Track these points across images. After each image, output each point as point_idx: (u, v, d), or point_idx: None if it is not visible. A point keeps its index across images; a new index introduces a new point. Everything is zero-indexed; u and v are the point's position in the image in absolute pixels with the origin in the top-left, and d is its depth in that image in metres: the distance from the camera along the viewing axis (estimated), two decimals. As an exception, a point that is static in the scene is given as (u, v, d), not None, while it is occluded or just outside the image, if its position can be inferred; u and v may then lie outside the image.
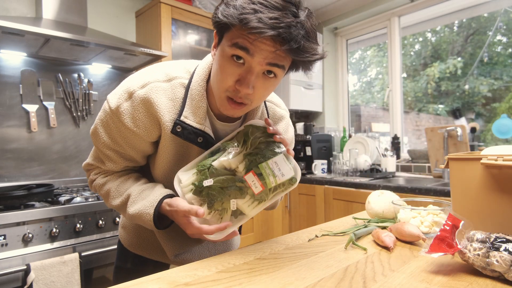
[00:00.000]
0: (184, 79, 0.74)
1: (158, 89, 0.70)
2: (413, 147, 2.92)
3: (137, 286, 0.56)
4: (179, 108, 0.71)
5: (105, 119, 0.73)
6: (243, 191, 0.70)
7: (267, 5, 0.57)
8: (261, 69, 0.63)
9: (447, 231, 0.61)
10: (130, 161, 0.80)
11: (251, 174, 0.69)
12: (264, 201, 0.71)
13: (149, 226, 0.73)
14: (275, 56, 0.61)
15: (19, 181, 1.84)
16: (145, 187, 0.77)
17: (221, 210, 0.71)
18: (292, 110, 3.08)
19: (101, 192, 0.81)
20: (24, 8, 1.91)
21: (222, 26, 0.62)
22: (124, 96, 0.70)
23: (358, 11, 2.88)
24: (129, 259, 0.94)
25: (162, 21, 2.15)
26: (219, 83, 0.66)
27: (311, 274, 0.61)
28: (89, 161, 0.83)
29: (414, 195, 1.80)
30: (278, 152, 0.71)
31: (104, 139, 0.74)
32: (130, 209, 0.74)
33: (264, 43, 0.60)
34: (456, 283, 0.55)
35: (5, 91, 1.83)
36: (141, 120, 0.70)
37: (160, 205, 0.71)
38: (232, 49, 0.61)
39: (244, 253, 0.73)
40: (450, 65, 2.72)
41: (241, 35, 0.60)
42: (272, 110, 0.86)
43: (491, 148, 0.75)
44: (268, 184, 0.69)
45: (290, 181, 0.70)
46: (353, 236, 0.80)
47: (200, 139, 0.72)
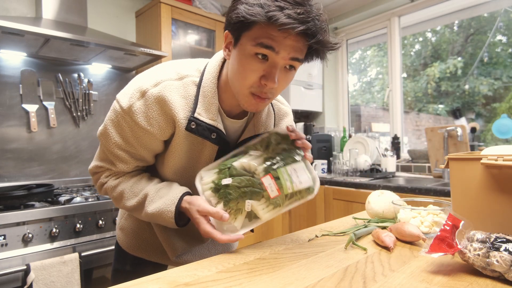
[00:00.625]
0: (195, 77, 0.74)
1: (171, 87, 0.71)
2: (413, 147, 2.92)
3: (137, 286, 0.56)
4: (192, 106, 0.72)
5: (116, 119, 0.72)
6: (259, 194, 0.70)
7: (290, 2, 0.59)
8: (284, 64, 0.65)
9: (447, 231, 0.61)
10: (141, 161, 0.80)
11: (268, 177, 0.70)
12: (279, 207, 0.70)
13: (169, 224, 0.73)
14: (297, 50, 0.64)
15: (19, 181, 1.84)
16: (161, 186, 0.77)
17: (235, 210, 0.71)
18: (292, 110, 3.08)
19: (114, 194, 0.80)
20: (24, 8, 1.91)
21: (241, 25, 0.63)
22: (136, 95, 0.70)
23: (358, 11, 2.88)
24: (127, 261, 0.93)
25: (162, 21, 2.15)
26: (242, 80, 0.67)
27: (311, 274, 0.61)
28: (97, 163, 0.81)
29: (414, 195, 1.80)
30: (298, 160, 0.72)
31: (116, 139, 0.74)
32: (149, 208, 0.74)
33: (290, 39, 0.62)
34: (456, 283, 0.55)
35: (5, 91, 1.83)
36: (155, 119, 0.71)
37: (180, 203, 0.72)
38: (257, 48, 0.63)
39: (244, 253, 0.73)
40: (450, 65, 2.72)
41: (266, 34, 0.61)
42: (277, 107, 0.88)
43: (491, 148, 0.75)
44: (284, 189, 0.69)
45: (307, 190, 0.70)
46: (353, 236, 0.80)
47: (213, 135, 0.73)
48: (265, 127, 0.80)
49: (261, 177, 0.70)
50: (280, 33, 0.60)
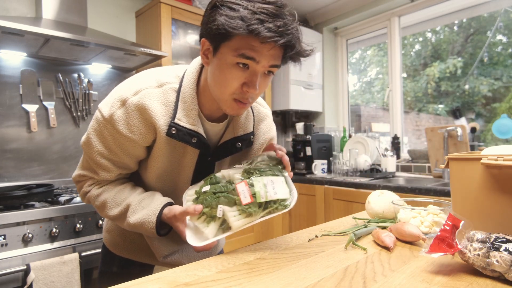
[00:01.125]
0: (174, 83, 0.76)
1: (151, 95, 0.72)
2: (413, 147, 2.92)
3: (137, 286, 0.56)
4: (172, 112, 0.74)
5: (99, 128, 0.74)
6: (232, 200, 0.70)
7: (269, 14, 0.62)
8: (264, 71, 0.69)
9: (447, 231, 0.61)
10: (124, 169, 0.81)
11: (243, 183, 0.70)
12: (251, 216, 0.69)
13: (151, 234, 0.75)
14: (276, 58, 0.68)
15: (19, 181, 1.84)
16: (144, 196, 0.78)
17: (209, 217, 0.71)
18: (292, 110, 3.08)
19: (96, 203, 0.80)
20: (24, 8, 1.91)
21: (220, 36, 0.65)
22: (117, 104, 0.72)
23: (358, 11, 2.88)
24: (114, 263, 0.93)
25: (162, 21, 2.15)
26: (224, 88, 0.69)
27: (311, 274, 0.61)
28: (79, 172, 0.82)
29: (414, 195, 1.80)
30: (278, 175, 0.73)
31: (98, 147, 0.75)
32: (131, 219, 0.75)
33: (269, 50, 0.65)
34: (456, 283, 0.55)
35: (5, 91, 1.83)
36: (136, 126, 0.72)
37: (161, 213, 0.73)
38: (238, 58, 0.65)
39: (244, 253, 0.73)
40: (450, 65, 2.72)
41: (247, 45, 0.64)
42: (257, 109, 0.90)
43: (491, 148, 0.75)
44: (258, 197, 0.68)
45: (282, 203, 0.69)
46: (353, 236, 0.80)
47: (194, 139, 0.75)
48: (244, 129, 0.82)
49: (236, 183, 0.71)
50: (262, 45, 0.63)
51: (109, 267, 0.94)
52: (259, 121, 0.89)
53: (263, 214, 0.69)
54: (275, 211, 0.70)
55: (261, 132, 0.89)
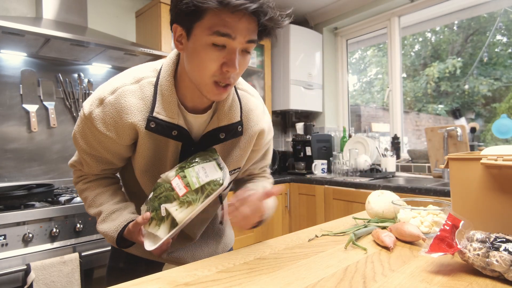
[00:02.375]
0: (151, 77, 0.76)
1: (127, 92, 0.73)
2: (413, 147, 2.92)
3: (137, 286, 0.56)
4: (150, 106, 0.74)
5: (81, 125, 0.77)
6: (171, 196, 0.72)
7: None
8: (241, 47, 0.66)
9: (447, 231, 0.61)
10: (107, 164, 0.83)
11: (176, 178, 0.72)
12: (192, 204, 0.70)
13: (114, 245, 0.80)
14: (252, 32, 0.65)
15: (19, 181, 1.84)
16: (116, 208, 0.81)
17: (158, 220, 0.73)
18: (292, 110, 3.08)
19: (81, 196, 0.88)
20: (24, 8, 1.91)
21: (192, 16, 0.63)
22: (95, 102, 0.74)
23: (358, 11, 2.88)
24: (121, 259, 0.94)
25: (162, 21, 2.15)
26: (203, 71, 0.67)
27: (311, 274, 0.61)
28: (72, 161, 0.87)
29: (414, 195, 1.80)
30: (210, 160, 0.74)
31: (81, 144, 0.78)
32: (99, 226, 0.81)
33: (244, 22, 0.63)
34: (456, 283, 0.56)
35: (5, 91, 1.83)
36: (112, 125, 0.73)
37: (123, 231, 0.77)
38: (213, 37, 0.63)
39: (244, 253, 0.73)
40: (449, 65, 2.72)
41: (220, 21, 0.61)
42: (246, 99, 0.85)
43: (491, 148, 0.75)
44: (191, 185, 0.70)
45: (215, 182, 0.71)
46: (353, 236, 0.80)
47: (174, 132, 0.74)
48: (229, 118, 0.79)
49: (171, 180, 0.73)
50: (234, 16, 0.61)
51: (117, 262, 0.96)
52: (248, 110, 0.84)
53: (202, 199, 0.70)
54: (212, 192, 0.70)
55: (251, 123, 0.84)
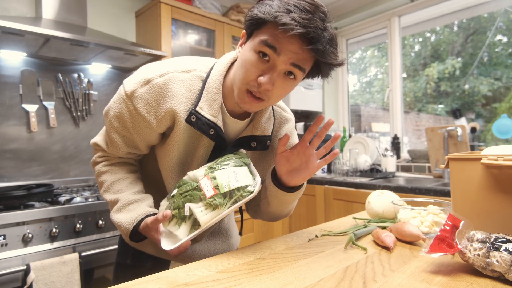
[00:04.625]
0: (202, 72, 0.76)
1: (176, 79, 0.73)
2: (413, 147, 2.92)
3: (137, 286, 0.56)
4: (195, 99, 0.74)
5: (119, 101, 0.75)
6: (197, 196, 0.69)
7: (300, 8, 0.62)
8: (284, 68, 0.66)
9: (447, 231, 0.61)
10: (133, 148, 0.81)
11: (205, 178, 0.70)
12: (218, 208, 0.68)
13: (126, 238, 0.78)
14: (299, 57, 0.65)
15: (19, 181, 1.84)
16: (135, 199, 0.79)
17: (179, 218, 0.70)
18: (292, 110, 3.08)
19: (99, 179, 0.85)
20: (24, 8, 1.91)
21: (254, 24, 0.67)
22: (141, 82, 0.72)
23: (358, 11, 2.88)
24: (129, 255, 0.94)
25: (162, 21, 2.15)
26: (242, 75, 0.68)
27: (311, 274, 0.61)
28: (96, 140, 0.85)
29: (414, 195, 1.80)
30: (241, 165, 0.72)
31: (113, 122, 0.77)
32: (114, 216, 0.78)
33: (292, 43, 0.64)
34: (456, 283, 0.55)
35: (5, 91, 1.83)
36: (153, 108, 0.72)
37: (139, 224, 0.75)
38: (260, 46, 0.65)
39: (244, 253, 0.73)
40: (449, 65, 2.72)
41: (272, 34, 0.64)
42: (279, 114, 0.89)
43: (491, 148, 0.75)
44: (220, 187, 0.67)
45: (245, 189, 0.68)
46: (353, 236, 0.80)
47: (212, 131, 0.74)
48: (262, 130, 0.81)
49: (199, 179, 0.70)
50: (286, 36, 0.62)
51: (124, 259, 0.95)
52: (279, 125, 0.88)
53: (229, 204, 0.68)
54: (241, 198, 0.68)
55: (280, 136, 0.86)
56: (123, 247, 0.96)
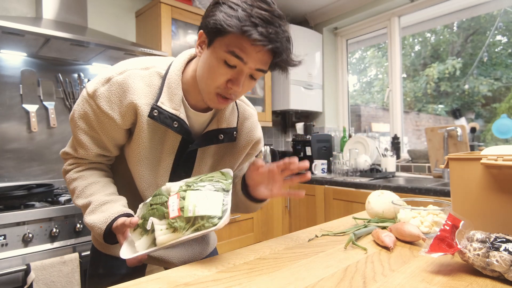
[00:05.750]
0: (161, 69, 0.79)
1: (136, 75, 0.76)
2: (413, 147, 2.92)
3: (137, 286, 0.56)
4: (156, 95, 0.77)
5: (82, 103, 0.77)
6: (163, 213, 0.66)
7: (263, 19, 0.65)
8: (249, 72, 0.72)
9: (447, 231, 0.61)
10: (103, 149, 0.82)
11: (175, 196, 0.67)
12: (177, 232, 0.64)
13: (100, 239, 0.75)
14: (263, 63, 0.71)
15: (19, 181, 1.84)
16: (109, 200, 0.77)
17: (142, 228, 0.68)
18: (292, 110, 3.08)
19: (69, 187, 0.83)
20: (24, 8, 1.91)
21: (216, 31, 0.68)
22: (101, 81, 0.75)
23: (358, 11, 2.88)
24: (100, 264, 0.91)
25: (162, 21, 2.15)
26: (210, 81, 0.72)
27: (311, 274, 0.61)
28: (64, 149, 0.86)
29: (414, 195, 1.80)
30: (218, 191, 0.69)
31: (79, 124, 0.78)
32: (87, 218, 0.76)
33: (259, 55, 0.68)
34: (456, 283, 0.55)
35: (5, 91, 1.83)
36: (116, 104, 0.74)
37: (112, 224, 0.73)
38: (228, 55, 0.68)
39: (244, 253, 0.73)
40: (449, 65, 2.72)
41: (238, 44, 0.67)
42: (242, 108, 0.92)
43: (491, 148, 0.75)
44: (185, 211, 0.64)
45: (209, 220, 0.64)
46: (353, 236, 0.80)
47: (175, 124, 0.76)
48: (227, 123, 0.84)
49: (170, 195, 0.68)
50: (251, 46, 0.67)
51: (96, 269, 0.91)
52: (244, 118, 0.91)
53: (190, 231, 0.64)
54: (202, 228, 0.64)
55: (245, 130, 0.90)
56: (94, 256, 0.93)
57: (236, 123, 0.87)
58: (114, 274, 0.88)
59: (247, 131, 0.90)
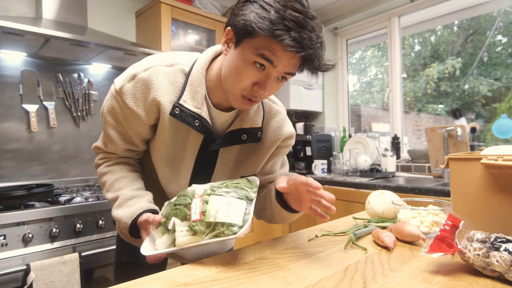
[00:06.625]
0: (185, 66, 0.78)
1: (160, 72, 0.75)
2: (413, 147, 2.92)
3: (137, 286, 0.56)
4: (179, 92, 0.76)
5: (110, 99, 0.78)
6: (185, 214, 0.67)
7: (297, 23, 0.62)
8: (278, 75, 0.69)
9: (447, 231, 0.61)
10: (130, 144, 0.83)
11: (198, 199, 0.67)
12: (197, 235, 0.64)
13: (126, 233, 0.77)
14: (293, 67, 0.68)
15: (19, 181, 1.84)
16: (135, 194, 0.79)
17: (164, 227, 0.69)
18: (292, 110, 3.08)
19: (101, 180, 0.86)
20: (24, 8, 1.91)
21: (246, 32, 0.65)
22: (128, 78, 0.75)
23: (358, 11, 2.88)
24: (125, 253, 0.94)
25: (162, 21, 2.15)
26: (236, 82, 0.70)
27: (311, 274, 0.61)
28: (96, 144, 0.88)
29: (414, 195, 1.80)
30: (242, 199, 0.68)
31: (108, 119, 0.80)
32: (114, 212, 0.78)
33: (290, 59, 0.66)
34: (456, 283, 0.55)
35: (5, 91, 1.83)
36: (141, 100, 0.75)
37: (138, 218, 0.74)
38: (257, 58, 0.66)
39: (244, 253, 0.73)
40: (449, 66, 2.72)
41: (268, 47, 0.64)
42: (268, 106, 0.89)
43: (491, 148, 0.75)
44: (206, 215, 0.64)
45: (229, 228, 0.63)
46: (353, 236, 0.80)
47: (197, 122, 0.76)
48: (251, 122, 0.82)
49: (194, 198, 0.68)
50: (283, 52, 0.64)
51: (121, 257, 0.95)
52: (269, 117, 0.88)
53: (210, 236, 0.64)
54: (222, 235, 0.64)
55: (271, 129, 0.86)
56: (119, 245, 0.97)
57: (261, 123, 0.84)
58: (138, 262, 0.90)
59: (274, 129, 0.86)
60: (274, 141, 0.86)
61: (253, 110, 0.82)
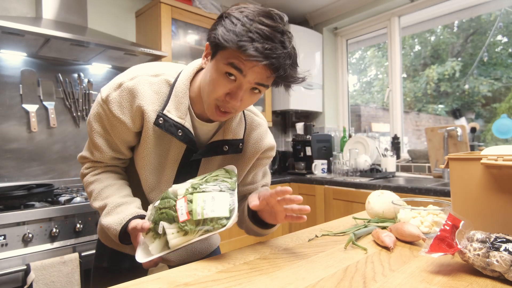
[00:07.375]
0: (170, 77, 0.80)
1: (145, 82, 0.77)
2: (413, 147, 2.92)
3: (137, 286, 0.56)
4: (163, 102, 0.78)
5: (97, 108, 0.80)
6: (172, 217, 0.67)
7: (261, 35, 0.65)
8: (249, 86, 0.71)
9: (447, 231, 0.61)
10: (117, 152, 0.84)
11: (182, 200, 0.68)
12: (188, 234, 0.66)
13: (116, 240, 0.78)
14: (263, 77, 0.70)
15: (19, 181, 1.84)
16: (123, 201, 0.80)
17: (155, 233, 0.70)
18: (292, 110, 3.08)
19: (87, 190, 0.86)
20: (24, 8, 1.91)
21: (216, 45, 0.69)
22: (114, 86, 0.77)
23: (358, 11, 2.88)
24: (105, 258, 0.94)
25: (162, 21, 2.15)
26: (210, 93, 0.73)
27: (311, 274, 0.61)
28: (81, 154, 0.89)
29: (414, 195, 1.80)
30: (224, 191, 0.70)
31: (95, 127, 0.81)
32: (103, 219, 0.79)
33: (257, 68, 0.68)
34: (456, 283, 0.55)
35: (5, 91, 1.83)
36: (127, 108, 0.76)
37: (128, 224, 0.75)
38: (227, 67, 0.68)
39: (244, 253, 0.73)
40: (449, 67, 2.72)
41: (237, 57, 0.67)
42: (250, 118, 0.91)
43: (491, 148, 0.75)
44: (194, 214, 0.65)
45: (219, 221, 0.66)
46: (353, 236, 0.80)
47: (180, 132, 0.77)
48: (233, 134, 0.84)
49: (178, 199, 0.69)
50: (248, 62, 0.66)
51: (100, 262, 0.95)
52: (251, 129, 0.90)
53: (201, 233, 0.66)
54: (213, 230, 0.66)
55: (252, 141, 0.89)
56: (100, 249, 0.96)
57: (243, 135, 0.86)
58: (117, 268, 0.91)
59: (254, 141, 0.89)
60: (255, 153, 0.89)
61: (235, 122, 0.84)
